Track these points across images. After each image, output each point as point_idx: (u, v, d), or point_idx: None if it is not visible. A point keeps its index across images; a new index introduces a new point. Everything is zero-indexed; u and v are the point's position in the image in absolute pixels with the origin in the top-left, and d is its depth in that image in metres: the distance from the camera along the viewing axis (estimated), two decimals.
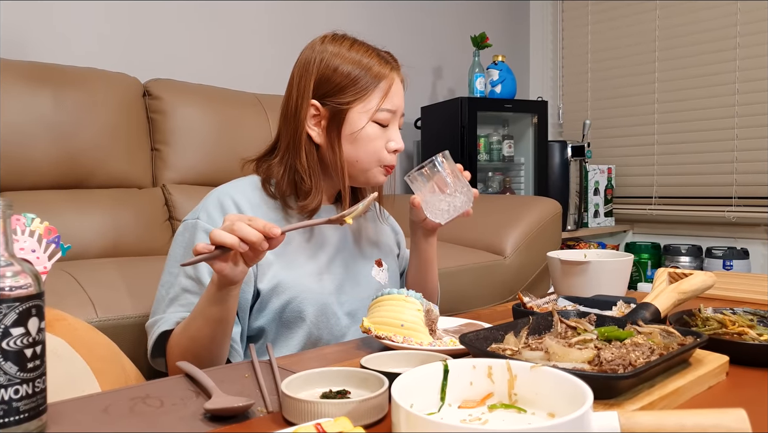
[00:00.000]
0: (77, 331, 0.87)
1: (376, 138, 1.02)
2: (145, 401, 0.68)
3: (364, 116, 1.00)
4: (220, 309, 0.85)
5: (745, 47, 2.79)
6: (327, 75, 1.00)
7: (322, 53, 1.02)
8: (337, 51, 1.01)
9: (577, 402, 0.51)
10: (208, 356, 0.89)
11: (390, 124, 1.04)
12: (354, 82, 1.00)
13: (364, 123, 1.00)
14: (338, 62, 1.00)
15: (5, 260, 0.56)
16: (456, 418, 0.58)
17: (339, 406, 0.59)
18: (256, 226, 0.78)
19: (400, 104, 1.05)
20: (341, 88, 1.00)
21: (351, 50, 1.02)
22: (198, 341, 0.88)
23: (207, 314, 0.86)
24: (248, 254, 0.79)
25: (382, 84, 1.01)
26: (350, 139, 1.01)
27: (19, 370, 0.55)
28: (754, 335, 0.81)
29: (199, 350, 0.88)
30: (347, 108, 1.00)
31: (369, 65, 1.01)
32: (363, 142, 1.01)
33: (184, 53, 2.28)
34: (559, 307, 0.95)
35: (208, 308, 0.86)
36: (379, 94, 1.01)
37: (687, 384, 0.66)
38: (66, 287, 1.24)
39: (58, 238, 0.85)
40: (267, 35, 2.51)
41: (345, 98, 1.00)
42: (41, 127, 1.71)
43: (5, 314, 0.54)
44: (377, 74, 1.01)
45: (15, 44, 1.92)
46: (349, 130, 1.01)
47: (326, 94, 1.01)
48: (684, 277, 0.94)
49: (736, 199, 2.87)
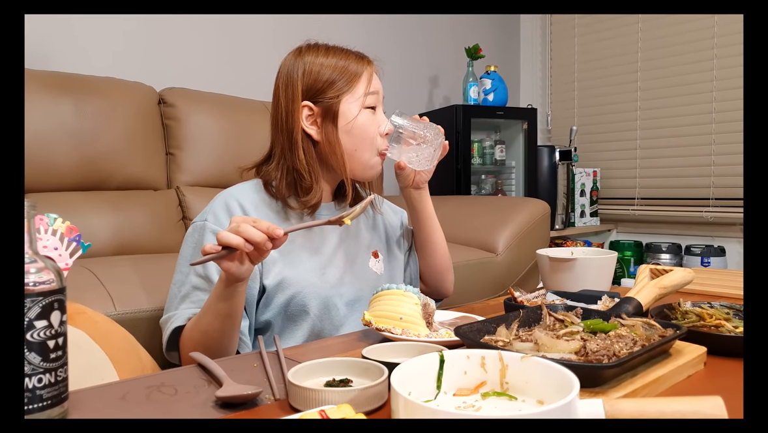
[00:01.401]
0: (97, 324, 0.87)
1: (369, 124, 1.03)
2: (160, 389, 0.68)
3: (356, 105, 1.02)
4: (229, 305, 0.86)
5: (722, 58, 2.80)
6: (313, 78, 1.02)
7: (303, 63, 1.03)
8: (315, 59, 1.04)
9: (564, 390, 0.51)
10: (218, 348, 0.89)
11: (377, 109, 1.06)
12: (339, 75, 1.02)
13: (356, 111, 1.02)
14: (320, 67, 1.03)
15: (29, 257, 0.56)
16: (451, 405, 0.58)
17: (342, 394, 0.59)
18: (260, 227, 0.78)
19: (379, 88, 1.07)
20: (329, 85, 1.01)
21: (328, 55, 1.04)
22: (209, 334, 0.88)
23: (216, 310, 0.86)
24: (253, 254, 0.80)
25: (363, 72, 1.04)
26: (346, 130, 1.02)
27: (43, 360, 0.55)
28: (730, 327, 0.81)
29: (210, 343, 0.88)
30: (338, 101, 1.01)
31: (347, 63, 1.03)
32: (359, 130, 1.02)
33: (196, 64, 2.28)
34: (547, 301, 0.95)
35: (218, 304, 0.86)
36: (363, 82, 1.03)
37: (667, 373, 0.66)
38: (86, 283, 1.24)
39: (79, 236, 0.85)
40: (273, 47, 2.51)
41: (334, 93, 1.01)
42: (63, 133, 1.71)
43: (29, 307, 0.54)
44: (356, 68, 1.03)
45: (39, 55, 1.92)
46: (344, 121, 1.02)
47: (316, 93, 1.02)
48: (664, 273, 0.94)
49: (713, 200, 2.87)
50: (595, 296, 0.96)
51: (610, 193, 3.27)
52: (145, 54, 2.16)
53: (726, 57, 2.78)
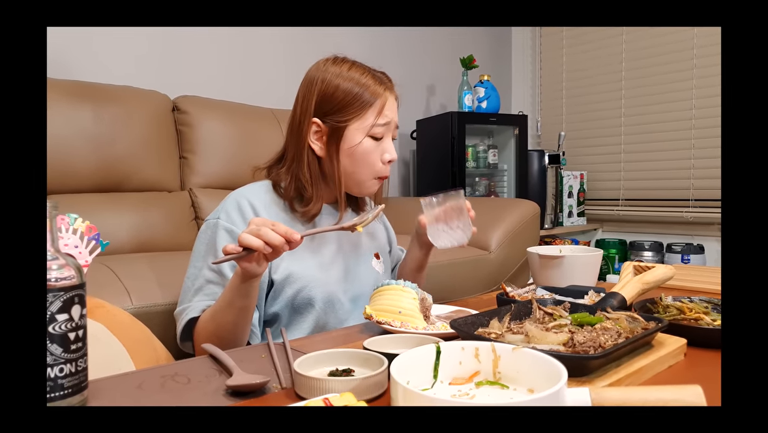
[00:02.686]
0: (115, 317, 0.87)
1: (371, 152, 1.00)
2: (174, 378, 0.68)
3: (361, 133, 0.99)
4: (244, 299, 0.86)
5: (701, 68, 2.80)
6: (328, 95, 0.99)
7: (324, 73, 1.01)
8: (338, 72, 1.00)
9: (553, 379, 0.51)
10: (231, 339, 0.89)
11: (384, 137, 1.02)
12: (351, 101, 0.98)
13: (360, 139, 0.99)
14: (338, 82, 0.99)
15: (51, 255, 0.56)
16: (447, 393, 0.58)
17: (344, 383, 0.59)
18: (279, 231, 0.78)
19: (393, 117, 1.02)
20: (340, 108, 0.98)
21: (350, 71, 1.00)
22: (223, 326, 0.88)
23: (232, 304, 0.86)
24: (270, 255, 0.80)
25: (377, 102, 0.99)
26: (348, 153, 1.00)
27: (64, 351, 0.55)
28: (709, 320, 0.81)
29: (223, 334, 0.88)
30: (345, 125, 0.99)
31: (366, 84, 0.99)
32: (359, 156, 1.00)
33: (208, 73, 2.28)
34: (537, 296, 0.95)
35: (233, 298, 0.86)
36: (374, 111, 0.99)
37: (650, 364, 0.66)
38: (105, 279, 1.24)
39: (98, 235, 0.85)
40: (280, 57, 2.51)
41: (343, 117, 0.98)
42: (83, 138, 1.71)
43: (51, 302, 0.54)
44: (373, 93, 0.99)
45: (60, 65, 1.92)
46: (347, 145, 0.99)
47: (327, 112, 0.99)
48: (647, 270, 0.94)
49: (692, 201, 2.87)
50: (582, 291, 0.96)
51: (596, 194, 3.27)
52: (160, 64, 2.16)
53: (705, 67, 2.78)
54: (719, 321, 0.81)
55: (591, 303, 0.87)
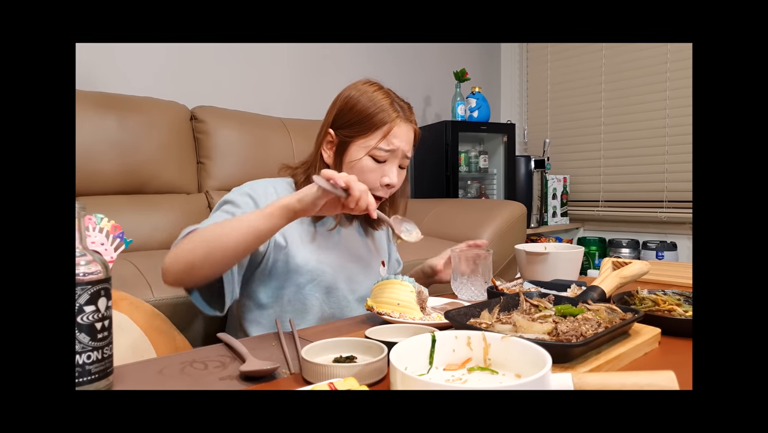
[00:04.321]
0: (138, 309, 0.87)
1: (370, 171, 0.96)
2: (192, 364, 0.69)
3: (362, 150, 0.96)
4: (268, 227, 0.79)
5: (673, 80, 2.80)
6: (346, 109, 0.97)
7: (352, 90, 0.99)
8: (363, 90, 0.98)
9: (538, 365, 0.51)
10: (216, 257, 0.79)
11: (388, 162, 0.97)
12: (362, 120, 0.95)
13: (360, 156, 0.96)
14: (359, 99, 0.97)
15: (80, 252, 0.56)
16: (441, 378, 0.58)
17: (348, 368, 0.59)
18: (370, 199, 0.80)
19: (400, 145, 0.97)
20: (351, 124, 0.97)
21: (374, 93, 0.97)
22: (221, 238, 0.79)
23: (252, 224, 0.79)
24: (345, 206, 0.80)
25: (385, 126, 0.95)
26: (348, 167, 0.97)
27: (91, 340, 0.55)
28: (681, 311, 0.81)
29: (215, 246, 0.78)
30: (350, 141, 0.97)
31: (381, 107, 0.95)
32: (357, 171, 0.96)
33: (223, 85, 2.28)
34: (524, 289, 0.95)
35: (257, 220, 0.79)
36: (380, 134, 0.95)
37: (627, 351, 0.66)
38: (128, 273, 1.24)
39: (122, 234, 0.85)
40: (289, 70, 2.51)
41: (351, 132, 0.97)
42: (108, 145, 1.71)
43: (80, 294, 0.54)
44: (384, 117, 0.95)
45: (87, 78, 1.92)
46: (348, 159, 0.97)
47: (340, 125, 0.98)
48: (625, 265, 0.94)
49: (666, 202, 2.87)
50: (565, 284, 0.96)
51: (578, 196, 3.27)
52: (179, 76, 2.16)
53: (677, 79, 2.78)
54: (690, 312, 0.81)
55: (573, 296, 0.87)
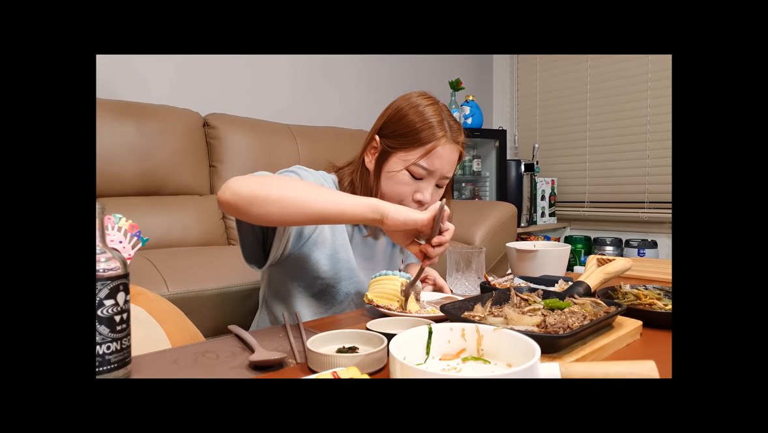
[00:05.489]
0: (154, 302, 0.87)
1: (405, 184, 0.91)
2: (205, 354, 0.68)
3: (401, 163, 0.91)
4: (350, 213, 0.74)
5: (654, 89, 2.80)
6: (395, 120, 0.93)
7: (404, 101, 0.94)
8: (415, 103, 0.92)
9: (528, 355, 0.51)
10: (286, 205, 0.73)
11: (425, 180, 0.91)
12: (407, 133, 0.90)
13: (398, 168, 0.91)
14: (409, 112, 0.91)
15: (100, 249, 0.56)
16: (437, 367, 0.58)
17: (350, 358, 0.59)
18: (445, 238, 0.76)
19: (440, 167, 0.91)
20: (396, 135, 0.92)
21: (425, 107, 0.91)
22: (303, 194, 0.73)
23: (337, 200, 0.73)
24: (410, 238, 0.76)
25: (428, 145, 0.89)
26: (386, 176, 0.93)
27: (110, 331, 0.55)
28: (661, 305, 0.81)
29: (292, 195, 0.73)
30: (392, 152, 0.92)
31: (429, 124, 0.89)
32: (393, 182, 0.92)
33: (234, 93, 2.28)
34: (515, 284, 0.95)
35: (345, 199, 0.74)
36: (422, 151, 0.89)
37: (610, 342, 0.66)
38: (145, 269, 1.24)
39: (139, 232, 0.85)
40: (295, 80, 2.51)
41: (394, 143, 0.92)
42: (127, 150, 1.71)
43: (100, 289, 0.54)
44: (430, 135, 0.89)
45: (107, 87, 1.92)
46: (387, 169, 0.92)
47: (386, 134, 0.94)
48: (608, 262, 0.94)
49: (647, 203, 2.87)
50: (553, 280, 0.96)
51: (565, 197, 3.27)
52: (193, 86, 2.16)
53: (658, 88, 2.78)
54: (670, 306, 0.81)
55: (560, 290, 0.87)
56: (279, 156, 2.05)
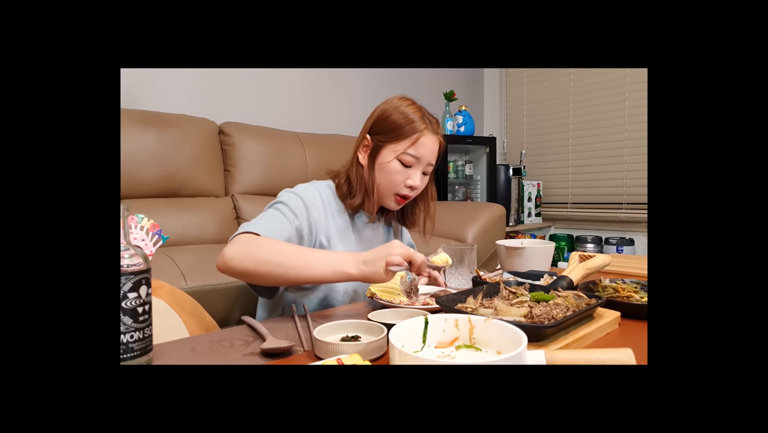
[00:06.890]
0: (173, 295, 0.87)
1: (397, 173, 0.95)
2: (220, 343, 0.69)
3: (392, 154, 0.94)
4: (326, 277, 0.76)
5: (631, 100, 2.80)
6: (381, 119, 0.96)
7: (387, 104, 0.98)
8: (397, 105, 0.96)
9: (516, 344, 0.51)
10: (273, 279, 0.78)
11: (413, 167, 0.96)
12: (395, 129, 0.94)
13: (390, 159, 0.95)
14: (392, 112, 0.95)
15: (124, 246, 0.56)
16: (433, 355, 0.58)
17: (353, 346, 0.59)
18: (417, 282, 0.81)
19: (425, 154, 0.95)
20: (385, 131, 0.95)
21: (406, 107, 0.96)
22: (284, 267, 0.77)
23: (315, 270, 0.76)
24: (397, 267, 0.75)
25: (414, 135, 0.94)
26: (379, 168, 0.96)
27: (134, 322, 0.55)
28: (638, 297, 0.81)
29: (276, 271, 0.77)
30: (383, 145, 0.96)
31: (411, 120, 0.94)
32: (386, 172, 0.95)
33: (247, 104, 2.28)
34: (504, 278, 0.95)
35: (320, 266, 0.76)
36: (409, 141, 0.94)
37: (591, 331, 0.66)
38: (165, 265, 1.24)
39: (160, 231, 0.85)
40: (304, 91, 2.51)
41: (384, 138, 0.95)
42: (148, 156, 1.71)
43: (124, 283, 0.54)
44: (413, 128, 0.94)
45: (130, 98, 1.92)
46: (380, 161, 0.96)
47: (376, 132, 0.97)
48: (589, 258, 0.94)
49: (625, 204, 2.87)
50: (539, 274, 0.96)
51: (550, 199, 3.27)
52: (209, 96, 2.16)
53: (635, 99, 2.79)
54: (646, 298, 0.81)
55: (546, 284, 0.87)
56: (288, 161, 2.05)
